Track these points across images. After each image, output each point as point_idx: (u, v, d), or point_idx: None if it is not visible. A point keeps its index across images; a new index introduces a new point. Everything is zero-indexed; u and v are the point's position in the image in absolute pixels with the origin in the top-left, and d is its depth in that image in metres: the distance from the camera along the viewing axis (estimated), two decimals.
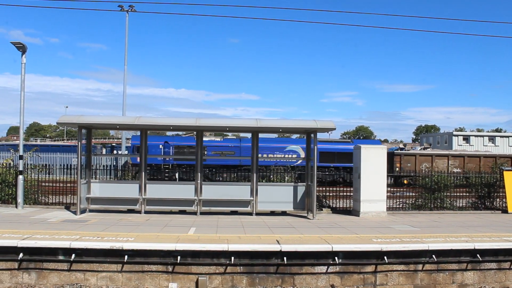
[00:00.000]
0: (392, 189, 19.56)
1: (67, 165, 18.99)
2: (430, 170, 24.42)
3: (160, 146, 35.70)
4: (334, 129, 14.66)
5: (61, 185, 18.42)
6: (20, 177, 15.87)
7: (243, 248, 10.09)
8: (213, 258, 10.01)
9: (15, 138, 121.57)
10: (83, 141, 15.21)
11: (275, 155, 35.47)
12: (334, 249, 10.22)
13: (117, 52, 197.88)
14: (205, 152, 34.46)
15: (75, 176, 15.52)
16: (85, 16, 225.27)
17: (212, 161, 33.90)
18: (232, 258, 9.98)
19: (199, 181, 14.94)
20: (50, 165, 19.16)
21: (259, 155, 34.22)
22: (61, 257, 10.09)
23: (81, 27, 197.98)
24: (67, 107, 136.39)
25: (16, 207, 15.93)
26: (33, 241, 10.10)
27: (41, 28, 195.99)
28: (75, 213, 14.61)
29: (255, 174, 15.14)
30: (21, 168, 16.04)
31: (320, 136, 21.76)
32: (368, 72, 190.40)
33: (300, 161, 32.92)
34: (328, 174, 34.32)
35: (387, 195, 15.99)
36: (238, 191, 15.31)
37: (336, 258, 10.22)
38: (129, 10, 38.46)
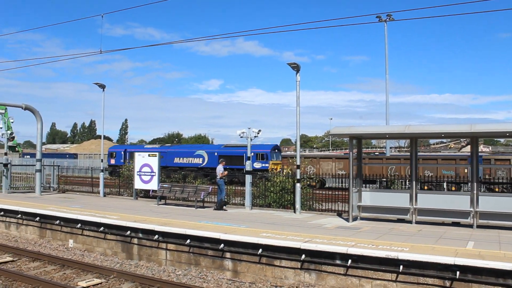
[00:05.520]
0: None
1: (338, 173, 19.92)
2: None
3: (122, 152, 51.17)
4: None
5: (331, 192, 19.41)
6: (298, 185, 17.31)
7: None
8: (498, 277, 9.10)
9: (286, 149, 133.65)
10: (354, 151, 15.72)
11: (188, 159, 45.45)
12: None
13: (378, 62, 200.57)
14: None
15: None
16: (348, 31, 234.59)
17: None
18: None
19: (474, 192, 13.87)
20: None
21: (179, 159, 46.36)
22: (338, 262, 10.59)
23: (345, 42, 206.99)
24: (331, 119, 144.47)
25: (294, 212, 17.42)
26: (314, 245, 10.86)
27: (309, 47, 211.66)
28: (347, 220, 15.20)
29: None
30: (298, 177, 17.47)
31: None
32: None
33: (205, 163, 44.46)
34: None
35: None
36: None
37: None
38: (387, 20, 38.55)
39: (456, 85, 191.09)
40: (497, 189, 28.07)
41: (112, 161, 50.91)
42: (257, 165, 41.82)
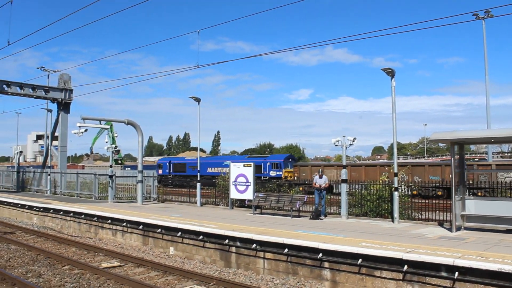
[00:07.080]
0: None
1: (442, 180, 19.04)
2: None
3: (167, 164, 60.85)
4: None
5: (429, 201, 18.59)
6: (396, 193, 16.72)
7: None
8: None
9: (378, 157, 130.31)
10: (456, 157, 14.93)
11: (217, 168, 49.12)
12: None
13: (475, 63, 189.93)
14: None
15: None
16: (441, 32, 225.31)
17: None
18: None
19: None
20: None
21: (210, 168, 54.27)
22: (443, 274, 10.05)
23: (438, 44, 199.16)
24: (425, 124, 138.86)
25: (392, 221, 16.83)
26: (417, 255, 10.41)
27: (400, 51, 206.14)
28: (450, 230, 14.43)
29: None
30: (396, 185, 16.89)
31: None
32: None
33: None
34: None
35: None
36: None
37: None
38: (485, 17, 36.24)
39: None
40: None
41: (160, 171, 58.57)
42: (273, 173, 47.35)
